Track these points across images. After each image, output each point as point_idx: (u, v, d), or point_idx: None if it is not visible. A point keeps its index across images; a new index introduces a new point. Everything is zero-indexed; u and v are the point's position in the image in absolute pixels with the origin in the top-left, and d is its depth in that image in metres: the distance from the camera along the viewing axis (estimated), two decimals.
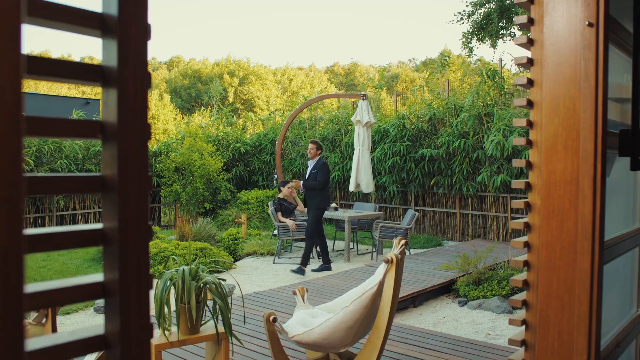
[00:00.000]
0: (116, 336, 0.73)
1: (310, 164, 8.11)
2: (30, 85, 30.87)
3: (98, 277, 0.76)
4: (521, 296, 1.95)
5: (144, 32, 0.75)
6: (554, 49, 1.81)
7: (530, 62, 1.88)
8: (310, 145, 8.10)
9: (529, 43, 1.88)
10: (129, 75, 0.73)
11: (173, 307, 3.72)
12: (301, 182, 8.08)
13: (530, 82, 1.89)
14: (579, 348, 1.78)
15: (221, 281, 3.13)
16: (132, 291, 0.74)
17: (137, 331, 0.75)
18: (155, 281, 6.51)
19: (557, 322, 1.82)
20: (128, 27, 0.73)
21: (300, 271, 7.61)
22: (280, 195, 8.93)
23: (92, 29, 0.73)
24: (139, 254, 0.75)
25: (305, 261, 7.79)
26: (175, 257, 3.34)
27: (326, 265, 7.90)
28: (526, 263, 1.92)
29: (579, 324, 1.77)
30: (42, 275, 7.12)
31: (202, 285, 3.05)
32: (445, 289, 6.56)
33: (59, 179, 0.71)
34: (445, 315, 5.70)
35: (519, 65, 1.93)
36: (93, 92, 35.12)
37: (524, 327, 1.93)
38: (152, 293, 5.93)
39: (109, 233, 0.74)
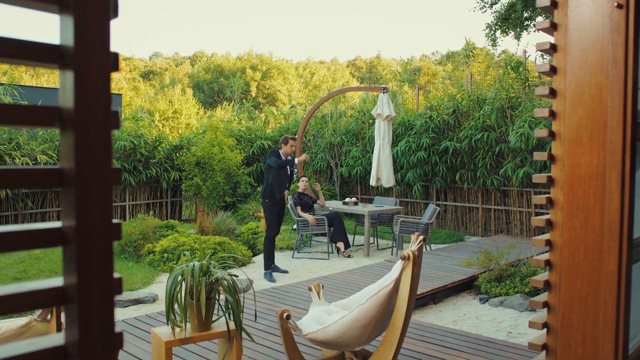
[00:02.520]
0: (76, 347, 0.66)
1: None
2: (56, 81, 31.34)
3: (57, 281, 0.68)
4: (542, 297, 1.84)
5: (106, 6, 0.66)
6: (579, 34, 1.69)
7: (553, 48, 1.76)
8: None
9: (552, 28, 1.75)
10: (87, 55, 0.65)
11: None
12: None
13: (554, 70, 1.77)
14: (604, 354, 1.66)
15: (233, 277, 3.07)
16: (94, 297, 0.66)
17: (99, 342, 0.67)
18: (166, 276, 6.41)
19: (580, 326, 1.70)
20: (86, 1, 0.65)
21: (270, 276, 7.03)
22: (299, 190, 8.85)
23: (49, 4, 0.66)
24: (101, 256, 0.67)
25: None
26: (186, 252, 3.29)
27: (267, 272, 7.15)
28: (548, 262, 1.80)
29: (605, 329, 1.65)
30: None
31: (213, 281, 3.00)
32: (466, 286, 6.41)
33: (6, 172, 0.63)
34: (466, 313, 5.57)
35: (541, 51, 1.81)
36: (116, 87, 35.54)
37: (545, 330, 1.82)
38: (162, 289, 5.86)
39: (67, 233, 0.66)
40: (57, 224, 0.68)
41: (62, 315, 3.66)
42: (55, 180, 0.67)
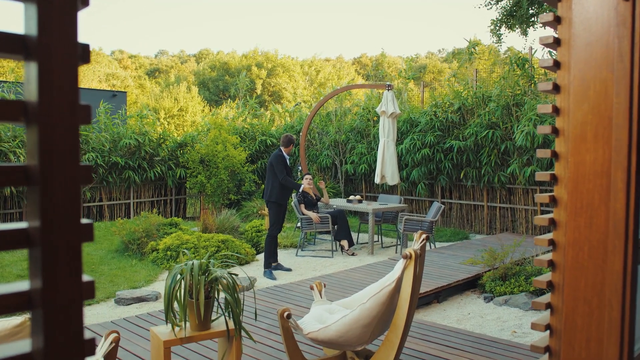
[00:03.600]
0: (41, 355, 0.62)
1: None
2: None
3: (24, 285, 0.65)
4: (545, 298, 1.79)
5: None
6: (583, 27, 1.64)
7: (557, 42, 1.71)
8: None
9: (556, 21, 1.70)
10: (51, 45, 0.61)
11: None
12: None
13: (557, 64, 1.71)
14: (609, 357, 1.61)
15: (233, 276, 3.04)
16: (59, 302, 0.62)
17: (66, 349, 0.63)
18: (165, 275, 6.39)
19: (585, 328, 1.66)
20: None
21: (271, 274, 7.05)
22: (304, 188, 8.81)
23: None
24: (68, 258, 0.63)
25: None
26: (185, 250, 3.26)
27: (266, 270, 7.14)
28: (551, 263, 1.75)
29: (610, 331, 1.60)
30: None
31: (213, 279, 2.96)
32: (471, 284, 6.36)
33: None
34: (470, 312, 5.52)
35: (544, 45, 1.76)
36: (122, 85, 35.62)
37: (548, 332, 1.77)
38: (162, 287, 5.86)
39: (32, 234, 0.63)
40: (22, 225, 0.64)
41: None
42: (20, 179, 0.63)
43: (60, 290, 0.62)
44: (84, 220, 0.66)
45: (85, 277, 0.66)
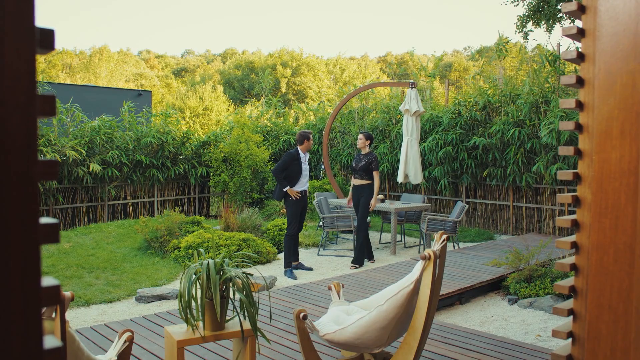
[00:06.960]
0: None
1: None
2: (91, 79, 31.98)
3: None
4: (567, 304, 1.69)
5: None
6: (609, 16, 1.54)
7: (581, 33, 1.61)
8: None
9: (580, 10, 1.60)
10: (4, 28, 0.56)
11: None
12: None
13: (581, 57, 1.62)
14: None
15: (248, 276, 3.00)
16: (13, 310, 0.57)
17: None
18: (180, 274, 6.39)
19: (609, 337, 1.56)
20: None
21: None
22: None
23: None
24: (24, 262, 0.58)
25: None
26: (201, 250, 3.23)
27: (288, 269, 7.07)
28: (574, 267, 1.65)
29: (637, 340, 1.50)
30: (90, 263, 7.26)
31: (228, 279, 2.92)
32: (495, 286, 6.21)
33: None
34: (494, 314, 5.38)
35: (567, 36, 1.66)
36: (150, 84, 36.07)
37: (570, 340, 1.67)
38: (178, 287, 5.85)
39: None
40: None
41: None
42: None
43: (14, 296, 0.57)
44: (46, 220, 0.61)
45: (48, 281, 0.61)
